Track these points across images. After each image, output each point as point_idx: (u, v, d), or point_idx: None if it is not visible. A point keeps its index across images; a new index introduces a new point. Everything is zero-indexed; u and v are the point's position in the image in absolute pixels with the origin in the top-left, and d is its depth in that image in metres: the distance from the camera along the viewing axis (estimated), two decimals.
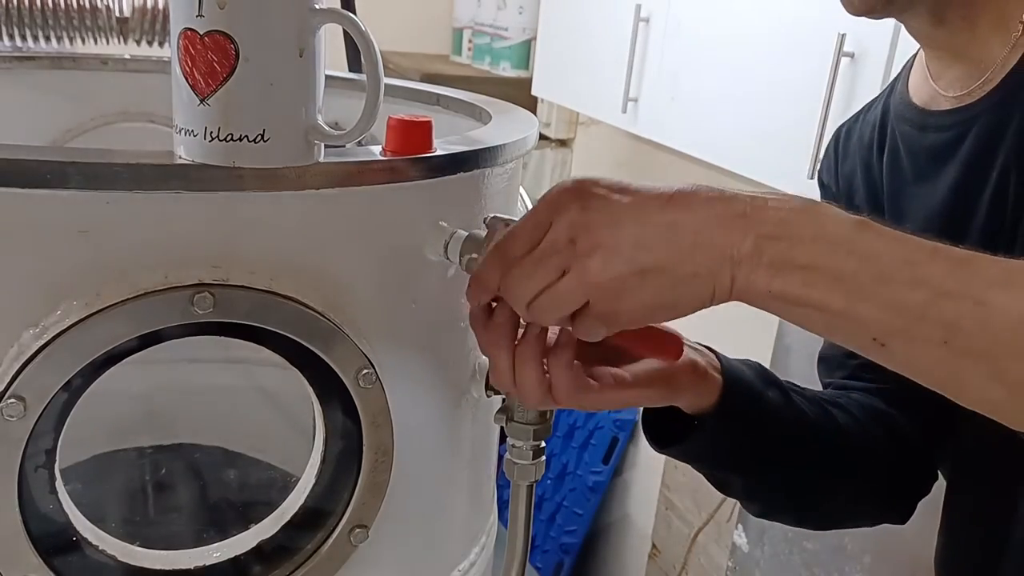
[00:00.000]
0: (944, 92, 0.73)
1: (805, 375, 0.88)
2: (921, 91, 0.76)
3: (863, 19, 0.73)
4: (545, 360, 0.59)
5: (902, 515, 0.82)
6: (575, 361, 0.60)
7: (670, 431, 0.70)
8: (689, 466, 0.75)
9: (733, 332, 2.01)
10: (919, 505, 0.82)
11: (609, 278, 0.52)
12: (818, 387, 0.85)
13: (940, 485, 0.81)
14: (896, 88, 0.80)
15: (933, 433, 0.79)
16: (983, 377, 0.48)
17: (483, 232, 0.61)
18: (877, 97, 0.83)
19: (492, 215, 0.62)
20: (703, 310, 0.55)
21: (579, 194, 0.54)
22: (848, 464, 0.76)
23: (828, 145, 0.88)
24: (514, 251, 0.56)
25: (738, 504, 1.97)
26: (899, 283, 0.48)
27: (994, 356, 0.47)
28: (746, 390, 0.69)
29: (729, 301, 0.53)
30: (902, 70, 0.81)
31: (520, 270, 0.55)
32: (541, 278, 0.54)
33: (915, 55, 0.80)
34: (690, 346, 0.67)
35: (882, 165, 0.78)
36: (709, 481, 0.77)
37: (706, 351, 0.69)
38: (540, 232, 0.55)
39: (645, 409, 0.72)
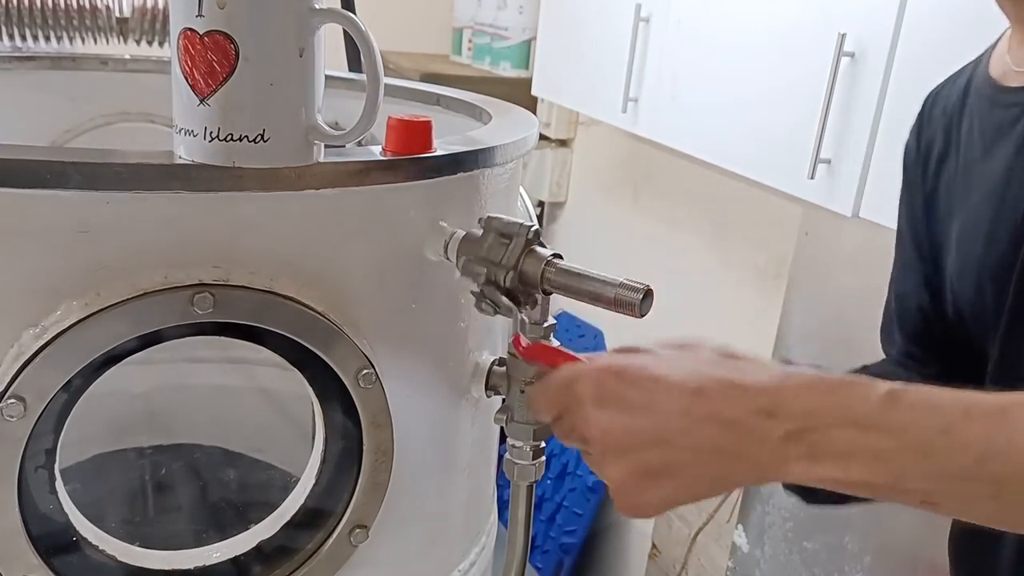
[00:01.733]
0: (1017, 68, 0.71)
1: None
2: (998, 64, 0.74)
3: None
4: None
5: None
6: None
7: None
8: None
9: (733, 332, 2.01)
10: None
11: (621, 481, 0.53)
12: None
13: None
14: (983, 58, 0.78)
15: None
16: None
17: (478, 232, 0.61)
18: (969, 63, 0.81)
19: (489, 215, 0.62)
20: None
21: (593, 382, 0.55)
22: None
23: (921, 107, 0.85)
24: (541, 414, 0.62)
25: (738, 504, 1.97)
26: (940, 453, 0.48)
27: None
28: None
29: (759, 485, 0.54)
30: (998, 39, 0.78)
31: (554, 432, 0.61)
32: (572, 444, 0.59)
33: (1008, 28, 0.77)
34: None
35: (959, 135, 0.77)
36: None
37: None
38: (554, 411, 0.59)
39: None
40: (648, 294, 0.56)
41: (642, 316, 0.56)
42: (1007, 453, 0.47)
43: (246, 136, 0.53)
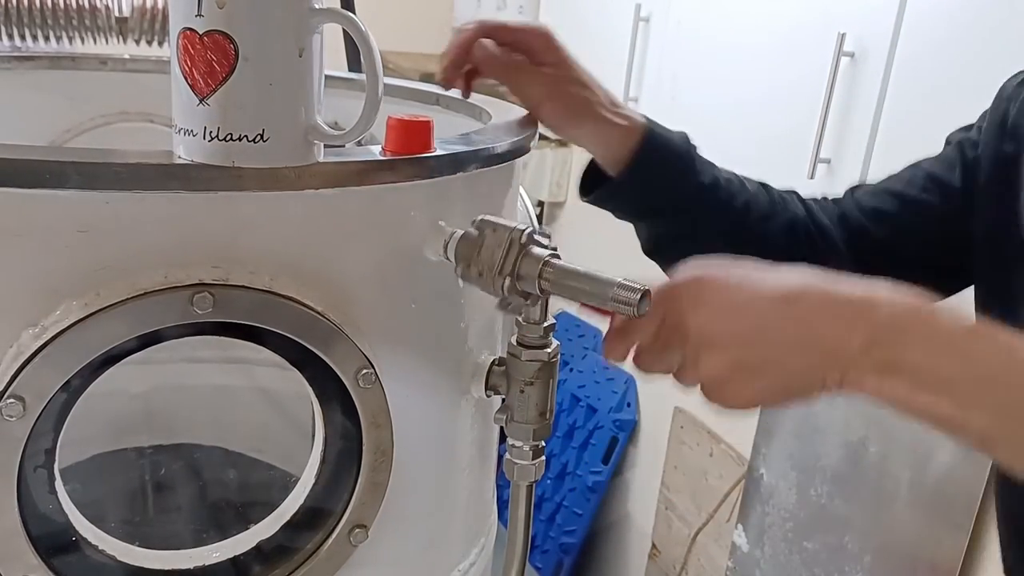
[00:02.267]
0: None
1: None
2: None
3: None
4: None
5: None
6: None
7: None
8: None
9: None
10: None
11: (716, 374, 0.56)
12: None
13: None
14: None
15: None
16: None
17: (475, 232, 0.61)
18: None
19: (481, 217, 0.62)
20: None
21: (694, 286, 0.58)
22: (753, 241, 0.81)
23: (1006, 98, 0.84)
24: (637, 338, 0.61)
25: (738, 504, 1.97)
26: (1006, 387, 0.48)
27: None
28: (663, 144, 0.80)
29: (838, 394, 0.54)
30: None
31: (645, 358, 0.61)
32: (664, 366, 0.60)
33: None
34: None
35: None
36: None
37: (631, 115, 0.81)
38: (657, 320, 0.59)
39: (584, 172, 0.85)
40: (646, 294, 0.56)
41: (640, 316, 0.56)
42: None
43: (246, 136, 0.53)
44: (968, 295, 0.81)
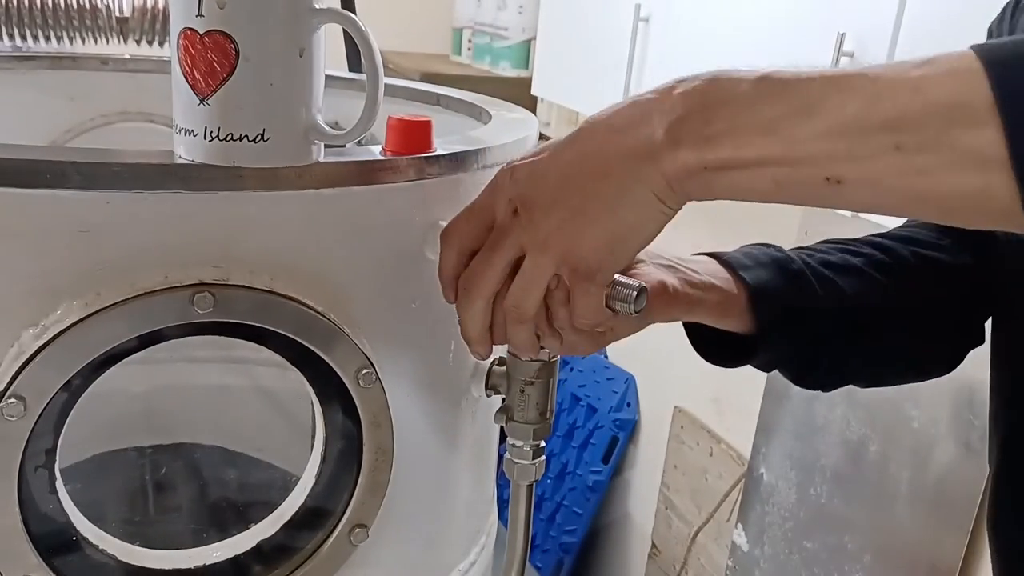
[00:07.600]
0: None
1: None
2: None
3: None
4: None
5: (949, 363, 0.79)
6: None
7: (722, 349, 0.70)
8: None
9: None
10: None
11: (555, 229, 0.53)
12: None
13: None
14: None
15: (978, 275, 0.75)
16: (945, 168, 0.43)
17: None
18: None
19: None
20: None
21: (507, 171, 0.56)
22: (899, 307, 0.73)
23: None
24: (465, 241, 0.58)
25: (738, 504, 1.97)
26: (826, 106, 0.45)
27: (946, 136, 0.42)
28: (772, 299, 0.66)
29: (682, 199, 0.50)
30: None
31: (478, 261, 0.57)
32: (500, 260, 0.55)
33: None
34: (660, 264, 0.64)
35: None
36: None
37: (695, 263, 0.66)
38: (486, 215, 0.57)
39: (688, 329, 0.70)
40: (642, 291, 0.56)
41: (637, 313, 0.56)
42: (896, 90, 0.43)
43: (246, 136, 0.53)
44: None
